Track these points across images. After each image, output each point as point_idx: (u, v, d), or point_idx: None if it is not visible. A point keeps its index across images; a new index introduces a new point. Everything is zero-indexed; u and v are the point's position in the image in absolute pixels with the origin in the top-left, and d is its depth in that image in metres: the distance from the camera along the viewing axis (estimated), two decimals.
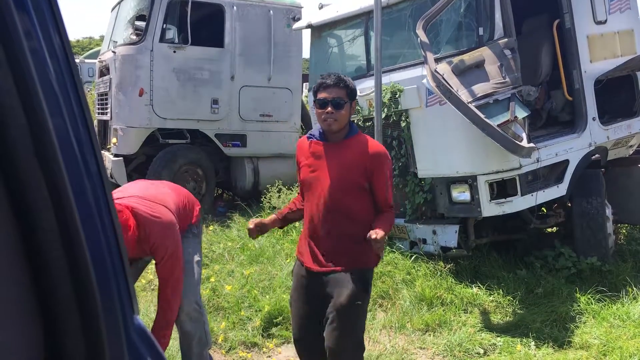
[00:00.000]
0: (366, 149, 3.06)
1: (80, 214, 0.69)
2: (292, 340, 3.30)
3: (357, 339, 3.08)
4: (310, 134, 3.20)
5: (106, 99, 8.62)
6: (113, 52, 8.37)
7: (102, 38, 11.94)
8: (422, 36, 5.04)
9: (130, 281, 0.80)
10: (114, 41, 8.84)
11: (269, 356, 4.36)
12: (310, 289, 3.13)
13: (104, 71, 8.85)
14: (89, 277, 0.69)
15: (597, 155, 5.93)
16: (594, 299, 4.98)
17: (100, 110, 9.12)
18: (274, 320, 4.74)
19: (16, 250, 0.65)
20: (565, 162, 5.63)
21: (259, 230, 3.29)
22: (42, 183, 0.65)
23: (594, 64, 5.87)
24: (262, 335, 4.61)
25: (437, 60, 5.10)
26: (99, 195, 0.76)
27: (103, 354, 0.71)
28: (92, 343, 0.70)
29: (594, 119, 5.82)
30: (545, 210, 6.29)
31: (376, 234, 2.83)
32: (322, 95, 3.07)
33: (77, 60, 26.02)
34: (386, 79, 5.60)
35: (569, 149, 5.65)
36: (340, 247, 3.06)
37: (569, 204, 5.95)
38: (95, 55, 15.90)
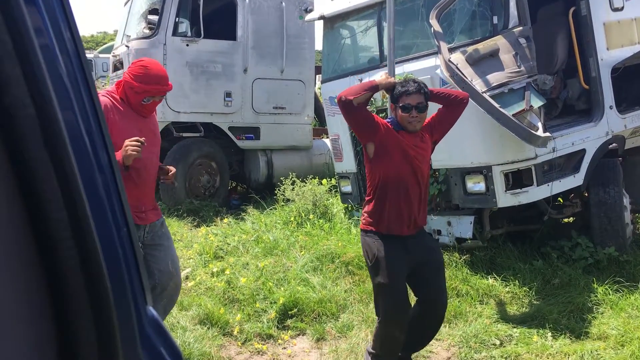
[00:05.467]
0: (424, 124, 3.64)
1: (91, 205, 0.69)
2: (391, 315, 3.51)
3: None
4: (395, 127, 3.59)
5: None
6: (126, 46, 8.40)
7: (116, 33, 12.01)
8: (436, 26, 5.00)
9: (143, 273, 0.80)
10: (127, 35, 8.86)
11: (284, 348, 4.38)
12: (406, 255, 3.53)
13: (118, 65, 8.89)
14: (101, 268, 0.69)
15: (614, 144, 5.85)
16: (611, 290, 4.93)
17: None
18: (289, 312, 4.75)
19: (26, 241, 0.65)
20: (582, 152, 5.57)
21: None
22: (52, 174, 0.65)
23: (611, 52, 5.79)
24: (277, 327, 4.62)
25: (451, 50, 5.06)
26: (110, 187, 0.75)
27: (116, 346, 0.70)
28: (105, 335, 0.70)
29: (610, 107, 5.74)
30: (561, 201, 6.23)
31: None
32: (406, 101, 3.52)
33: (91, 55, 26.01)
34: (399, 69, 5.56)
35: (586, 138, 5.58)
36: (425, 208, 3.68)
37: (586, 194, 5.89)
38: (109, 49, 15.98)
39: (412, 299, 3.77)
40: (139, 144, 3.24)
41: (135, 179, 3.44)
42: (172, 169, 3.73)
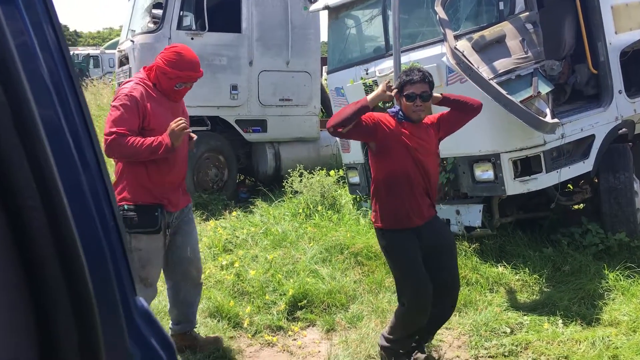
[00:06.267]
0: (432, 120, 3.74)
1: (72, 197, 0.69)
2: (416, 301, 3.55)
3: None
4: (400, 117, 3.60)
5: None
6: (131, 41, 8.40)
7: (121, 28, 12.01)
8: (441, 13, 4.95)
9: (132, 265, 0.80)
10: (132, 30, 8.86)
11: (295, 339, 4.38)
12: (420, 245, 3.58)
13: (124, 61, 8.90)
14: (79, 259, 0.68)
15: (624, 129, 5.79)
16: (622, 276, 4.90)
17: None
18: (299, 304, 4.76)
19: (1, 232, 0.64)
20: (591, 137, 5.52)
21: None
22: (25, 161, 0.64)
23: (619, 35, 5.71)
24: (287, 319, 4.63)
25: (457, 37, 5.02)
26: (95, 181, 0.75)
27: (97, 338, 0.70)
28: (86, 327, 0.69)
29: (620, 92, 5.68)
30: (571, 187, 6.18)
31: None
32: (410, 90, 3.53)
33: (97, 52, 26.05)
34: (405, 58, 5.52)
35: (595, 124, 5.52)
36: (430, 195, 3.69)
37: (596, 180, 5.84)
38: (115, 45, 16.01)
39: None
40: (184, 121, 3.41)
41: (171, 162, 3.58)
42: (193, 136, 3.82)
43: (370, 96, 3.52)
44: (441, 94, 3.70)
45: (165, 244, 3.72)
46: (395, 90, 3.58)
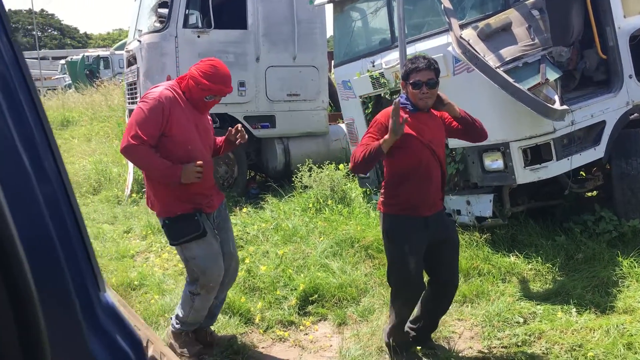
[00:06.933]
0: (440, 115, 3.70)
1: (14, 197, 0.68)
2: (400, 290, 3.65)
3: None
4: (410, 109, 3.58)
5: (135, 88, 8.70)
6: (139, 41, 8.43)
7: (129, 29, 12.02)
8: (446, 2, 4.92)
9: (94, 261, 0.79)
10: (139, 30, 8.89)
11: (306, 334, 4.38)
12: (426, 235, 3.57)
13: (132, 60, 8.93)
14: (18, 260, 0.68)
15: (635, 114, 5.71)
16: (637, 262, 4.83)
17: (130, 100, 9.21)
18: (310, 299, 4.76)
19: None
20: (602, 123, 5.44)
21: None
22: None
23: (628, 20, 5.62)
24: (299, 314, 4.63)
25: (462, 26, 4.98)
26: (53, 185, 0.75)
27: (39, 334, 0.69)
28: (26, 323, 0.68)
29: (630, 76, 5.59)
30: (584, 174, 6.11)
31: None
32: (416, 77, 3.51)
33: (107, 53, 26.17)
34: (411, 49, 5.48)
35: (605, 110, 5.45)
36: (441, 187, 3.68)
37: (608, 166, 5.77)
38: (124, 46, 16.08)
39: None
40: (201, 170, 3.55)
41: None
42: (240, 129, 3.98)
43: (384, 143, 3.37)
44: (460, 111, 3.62)
45: (218, 244, 3.79)
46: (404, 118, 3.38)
